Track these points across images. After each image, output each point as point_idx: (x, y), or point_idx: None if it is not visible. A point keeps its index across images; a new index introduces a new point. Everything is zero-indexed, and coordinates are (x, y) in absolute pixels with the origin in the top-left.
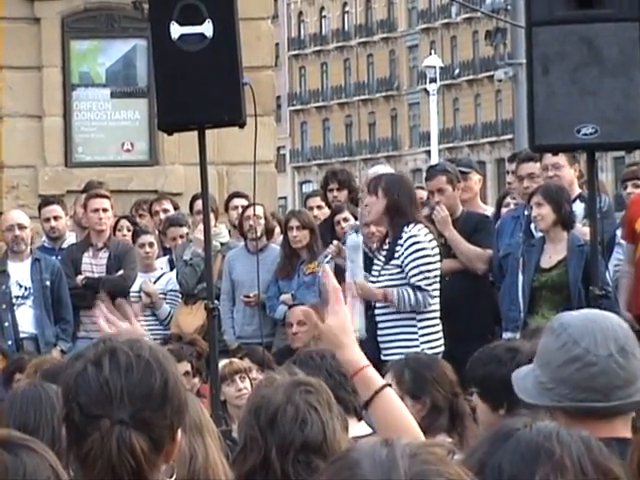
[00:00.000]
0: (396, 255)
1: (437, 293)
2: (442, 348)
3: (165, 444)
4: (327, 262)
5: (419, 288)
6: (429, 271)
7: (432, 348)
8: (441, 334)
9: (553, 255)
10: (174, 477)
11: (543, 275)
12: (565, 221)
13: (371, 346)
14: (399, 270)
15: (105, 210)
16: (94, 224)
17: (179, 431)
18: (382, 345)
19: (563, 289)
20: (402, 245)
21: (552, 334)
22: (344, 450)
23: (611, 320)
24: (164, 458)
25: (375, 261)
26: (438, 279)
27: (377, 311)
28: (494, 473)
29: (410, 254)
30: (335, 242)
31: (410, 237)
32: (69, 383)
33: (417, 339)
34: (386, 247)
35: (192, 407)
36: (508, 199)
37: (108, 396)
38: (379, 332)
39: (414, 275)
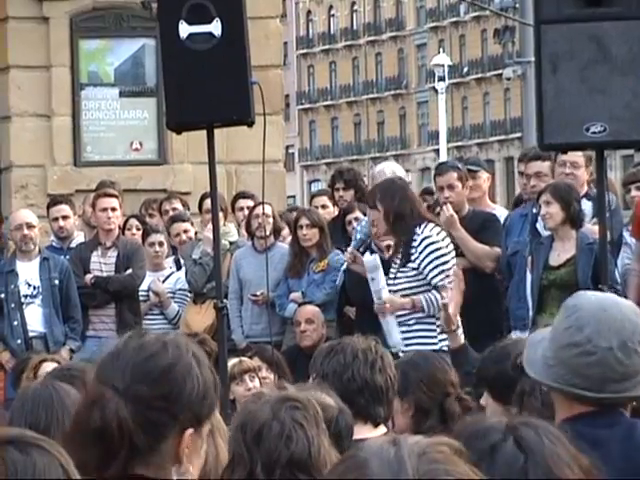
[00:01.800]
0: (412, 258)
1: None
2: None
3: (166, 433)
4: (343, 270)
5: (443, 287)
6: (449, 269)
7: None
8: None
9: (562, 253)
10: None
11: (552, 273)
12: (574, 219)
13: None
14: (415, 272)
15: (114, 209)
16: (103, 223)
17: (187, 432)
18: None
19: (572, 287)
20: (416, 248)
21: (565, 312)
22: (352, 449)
23: (624, 311)
24: (171, 458)
25: (392, 265)
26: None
27: None
28: None
29: (427, 255)
30: (349, 249)
31: (424, 238)
32: (100, 363)
33: (435, 336)
34: (401, 250)
35: None
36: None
37: (116, 366)
38: (400, 328)
39: (435, 275)
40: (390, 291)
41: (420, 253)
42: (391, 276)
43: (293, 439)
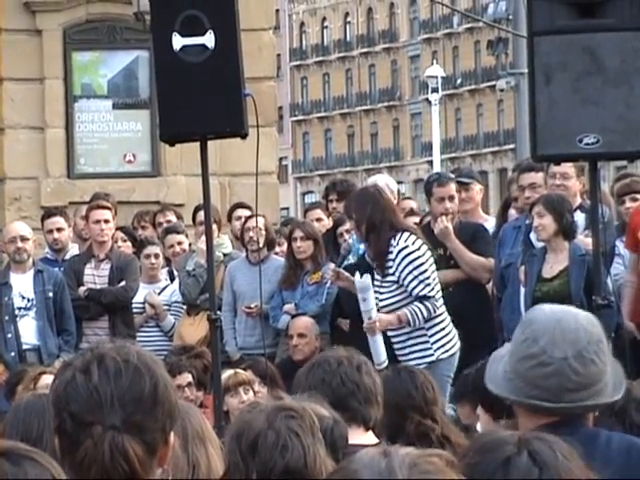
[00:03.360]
0: (390, 271)
1: (440, 294)
2: (457, 348)
3: (159, 447)
4: (328, 285)
5: (425, 297)
6: (428, 277)
7: (447, 351)
8: (452, 334)
9: (555, 265)
10: None
11: (545, 285)
12: (566, 231)
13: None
14: (396, 286)
15: (107, 221)
16: (96, 235)
17: (172, 434)
18: (400, 358)
19: (565, 299)
20: (394, 260)
21: (521, 326)
22: (344, 461)
23: (579, 321)
24: (158, 462)
25: (375, 279)
26: (437, 281)
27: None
28: None
29: (405, 267)
30: (332, 266)
31: (401, 250)
32: (59, 393)
33: (430, 347)
34: (376, 263)
35: (194, 417)
36: (512, 210)
37: (98, 402)
38: (395, 346)
39: (415, 286)
40: (376, 305)
41: (398, 265)
42: (375, 289)
43: (288, 448)
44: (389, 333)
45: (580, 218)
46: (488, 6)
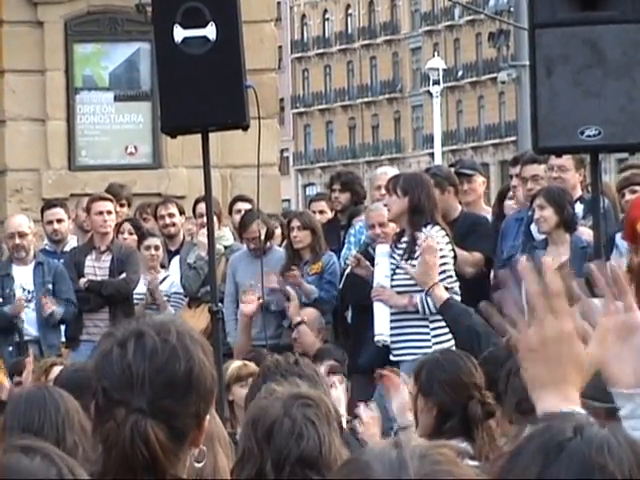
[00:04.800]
0: (414, 255)
1: (458, 291)
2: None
3: (189, 433)
4: (347, 271)
5: (444, 289)
6: (445, 271)
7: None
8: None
9: (556, 257)
10: (204, 462)
11: None
12: (568, 223)
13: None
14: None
15: (109, 213)
16: (98, 227)
17: (207, 417)
18: (393, 345)
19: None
20: (419, 246)
21: None
22: (354, 453)
23: None
24: (191, 444)
25: (394, 257)
26: (454, 277)
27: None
28: None
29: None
30: (354, 253)
31: (427, 238)
32: (97, 363)
33: (429, 340)
34: (402, 246)
35: None
36: (507, 201)
37: (129, 381)
38: (393, 331)
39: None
40: (390, 279)
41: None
42: (390, 271)
43: (304, 437)
44: (392, 317)
45: (579, 209)
46: None
